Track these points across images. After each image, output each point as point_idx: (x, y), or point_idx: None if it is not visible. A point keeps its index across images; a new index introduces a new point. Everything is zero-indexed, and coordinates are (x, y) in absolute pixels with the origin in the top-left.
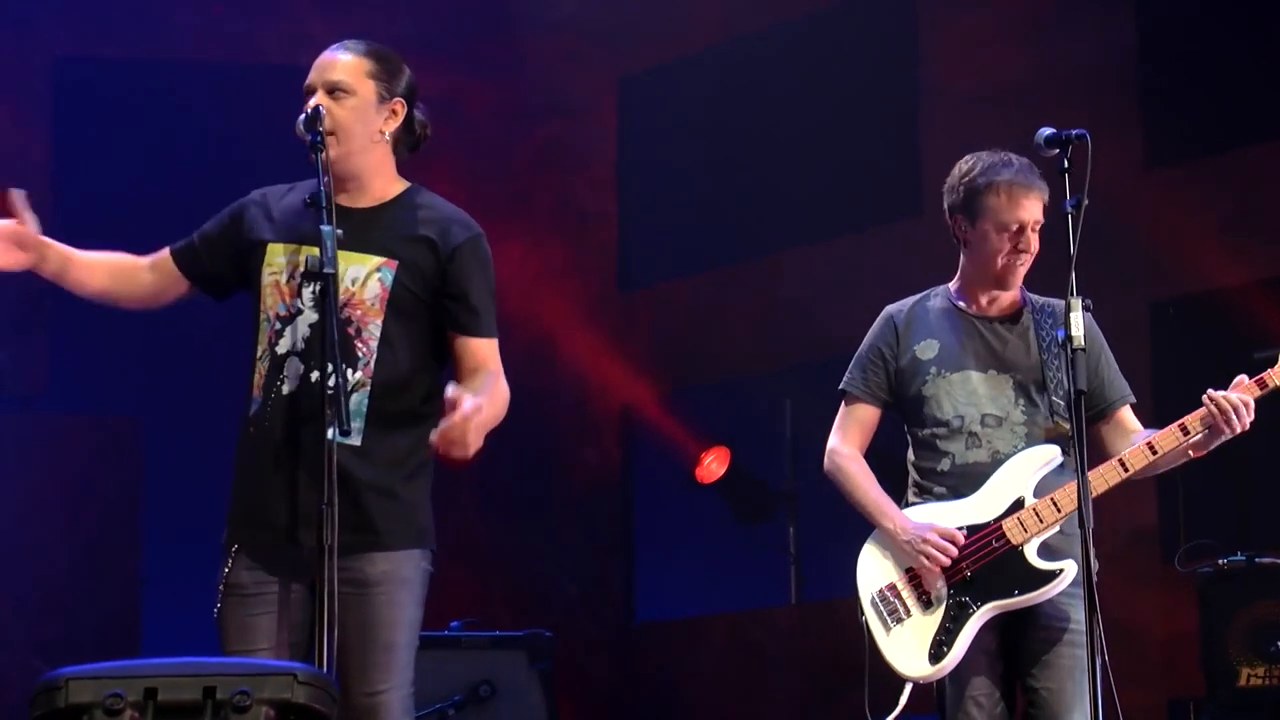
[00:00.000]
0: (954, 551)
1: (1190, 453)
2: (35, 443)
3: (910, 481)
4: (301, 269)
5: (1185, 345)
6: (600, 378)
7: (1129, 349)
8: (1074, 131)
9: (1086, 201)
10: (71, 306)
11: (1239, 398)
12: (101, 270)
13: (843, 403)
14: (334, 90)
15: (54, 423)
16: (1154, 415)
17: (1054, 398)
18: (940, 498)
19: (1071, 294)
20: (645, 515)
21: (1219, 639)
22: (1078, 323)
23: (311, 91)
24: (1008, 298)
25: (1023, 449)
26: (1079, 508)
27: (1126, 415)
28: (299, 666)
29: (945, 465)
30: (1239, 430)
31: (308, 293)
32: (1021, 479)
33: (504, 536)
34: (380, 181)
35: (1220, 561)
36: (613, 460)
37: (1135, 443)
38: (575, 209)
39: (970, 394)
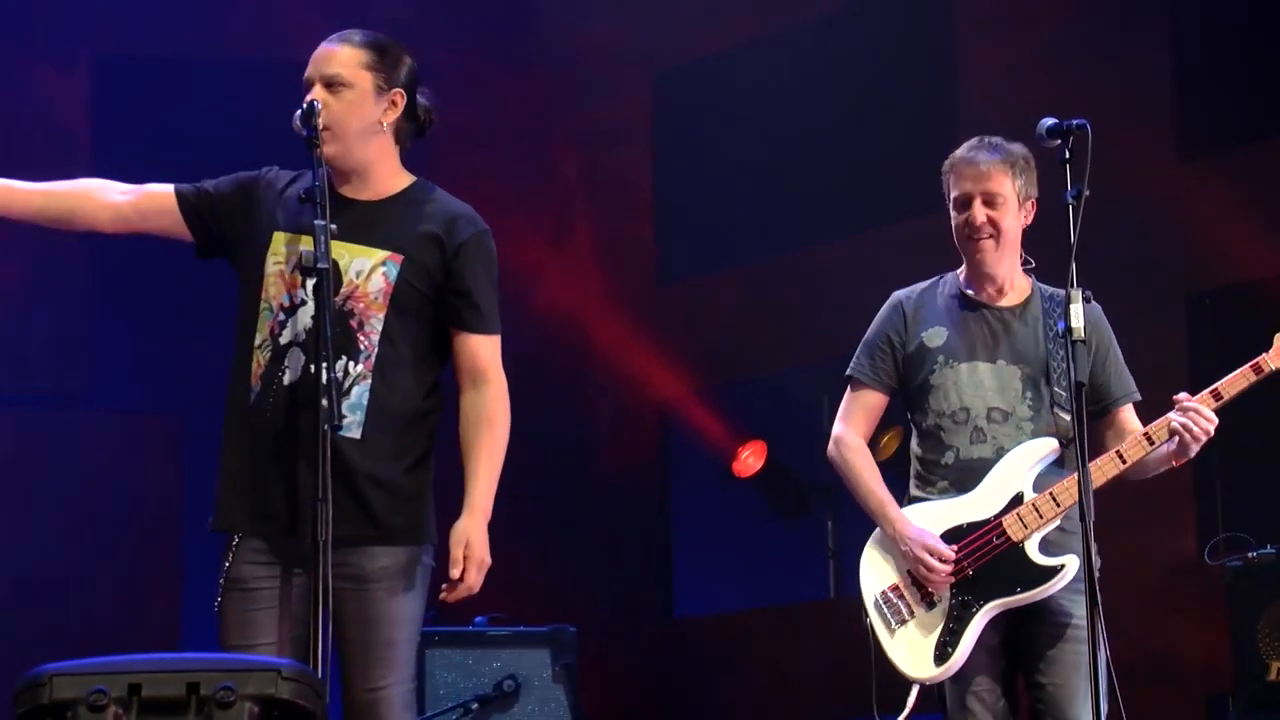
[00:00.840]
0: (946, 570)
1: (1173, 462)
2: (78, 438)
3: (913, 471)
4: (299, 261)
5: (1222, 336)
6: (638, 372)
7: (1165, 340)
8: (1074, 121)
9: (1087, 192)
10: (116, 304)
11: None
12: (56, 197)
13: (848, 388)
14: (331, 83)
15: (97, 419)
16: None
17: (1056, 388)
18: (943, 492)
19: (1071, 285)
20: (683, 510)
21: (1249, 633)
22: (1077, 314)
23: (310, 85)
24: (1017, 287)
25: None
26: (1079, 500)
27: (1128, 414)
28: (283, 662)
29: (949, 459)
30: (1202, 441)
31: (310, 284)
32: (1020, 473)
33: (541, 531)
34: (384, 173)
35: (1250, 554)
36: (650, 454)
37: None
38: (612, 204)
39: (977, 385)
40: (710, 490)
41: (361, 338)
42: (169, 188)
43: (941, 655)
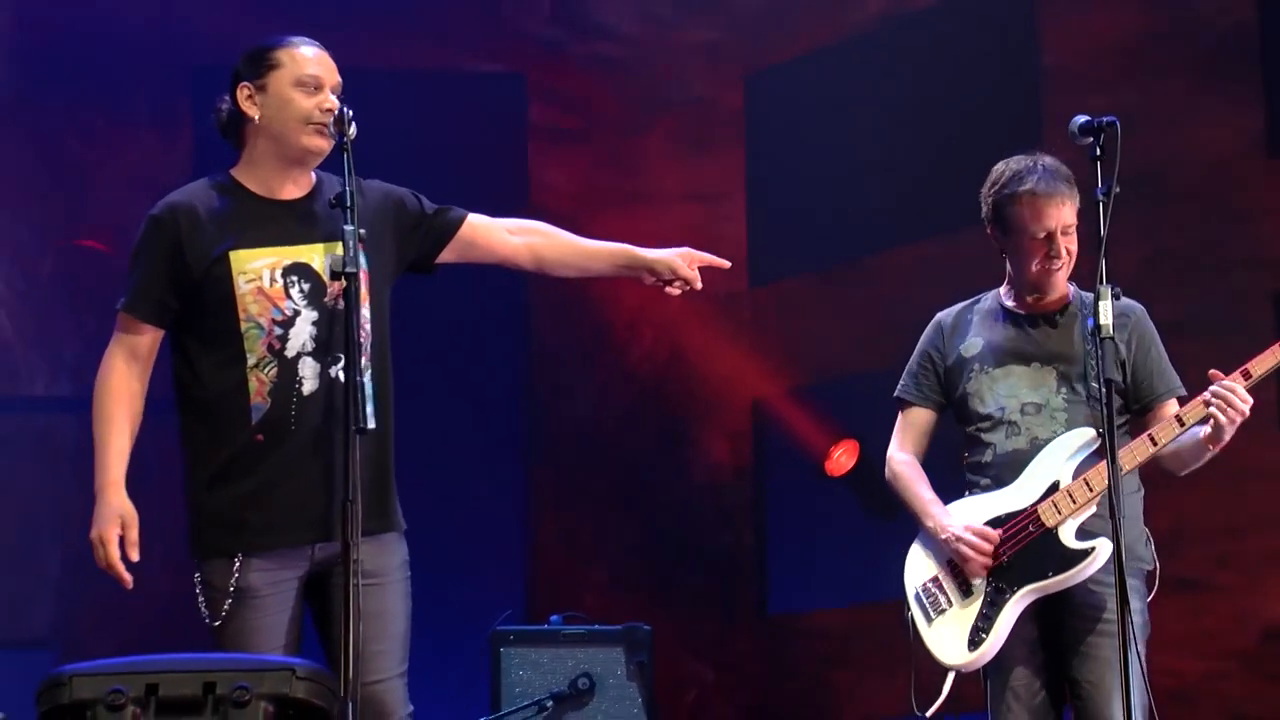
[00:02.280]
0: (988, 548)
1: (1210, 447)
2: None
3: (964, 479)
4: (276, 269)
5: None
6: (731, 373)
7: (1251, 339)
8: (1106, 118)
9: (1117, 189)
10: None
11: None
12: (131, 424)
13: (899, 411)
14: (336, 89)
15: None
16: None
17: (1094, 384)
18: (985, 489)
19: (1101, 282)
20: (777, 509)
21: None
22: (1106, 311)
23: (318, 87)
24: (1054, 295)
25: (1060, 434)
26: (1110, 498)
27: (1173, 408)
28: (298, 662)
29: (988, 456)
30: (1236, 419)
31: (296, 292)
32: (1058, 463)
33: (637, 530)
34: (305, 175)
35: None
36: (744, 454)
37: (1180, 435)
38: (705, 206)
39: (1012, 387)
40: (804, 489)
41: (359, 331)
42: (146, 333)
43: (975, 641)
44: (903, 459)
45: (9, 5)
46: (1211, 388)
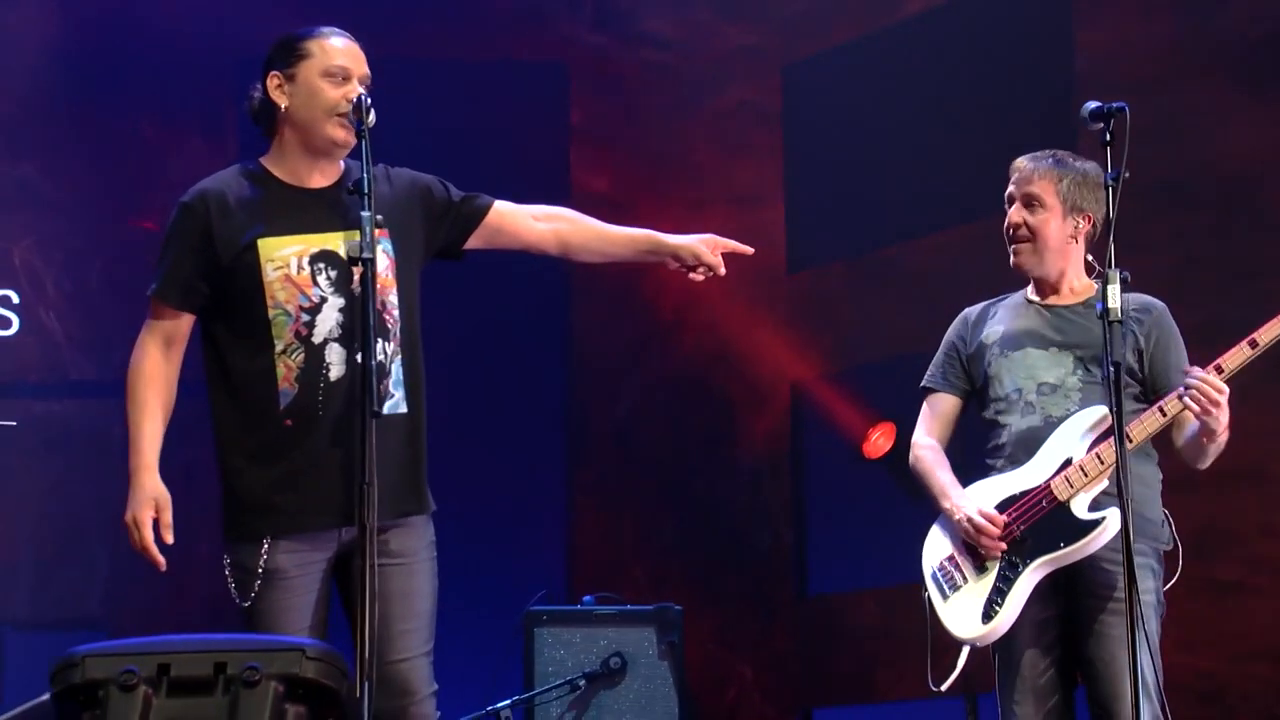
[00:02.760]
0: (995, 530)
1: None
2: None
3: (983, 462)
4: (303, 257)
5: None
6: (769, 357)
7: None
8: (1115, 104)
9: (1127, 174)
10: None
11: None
12: (164, 408)
13: (924, 401)
14: (364, 81)
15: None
16: None
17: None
18: (1000, 470)
19: (1110, 266)
20: (816, 491)
21: None
22: (1114, 294)
23: (349, 76)
24: (1078, 290)
25: (1075, 413)
26: (1118, 479)
27: None
28: (308, 642)
29: (1004, 437)
30: (1213, 411)
31: (323, 279)
32: (1072, 440)
33: (678, 512)
34: (333, 164)
35: None
36: (783, 437)
37: (1189, 432)
38: (744, 193)
39: (1029, 369)
40: (842, 471)
41: (387, 317)
42: (179, 319)
43: (988, 614)
44: (926, 444)
45: (57, 6)
46: (1182, 393)
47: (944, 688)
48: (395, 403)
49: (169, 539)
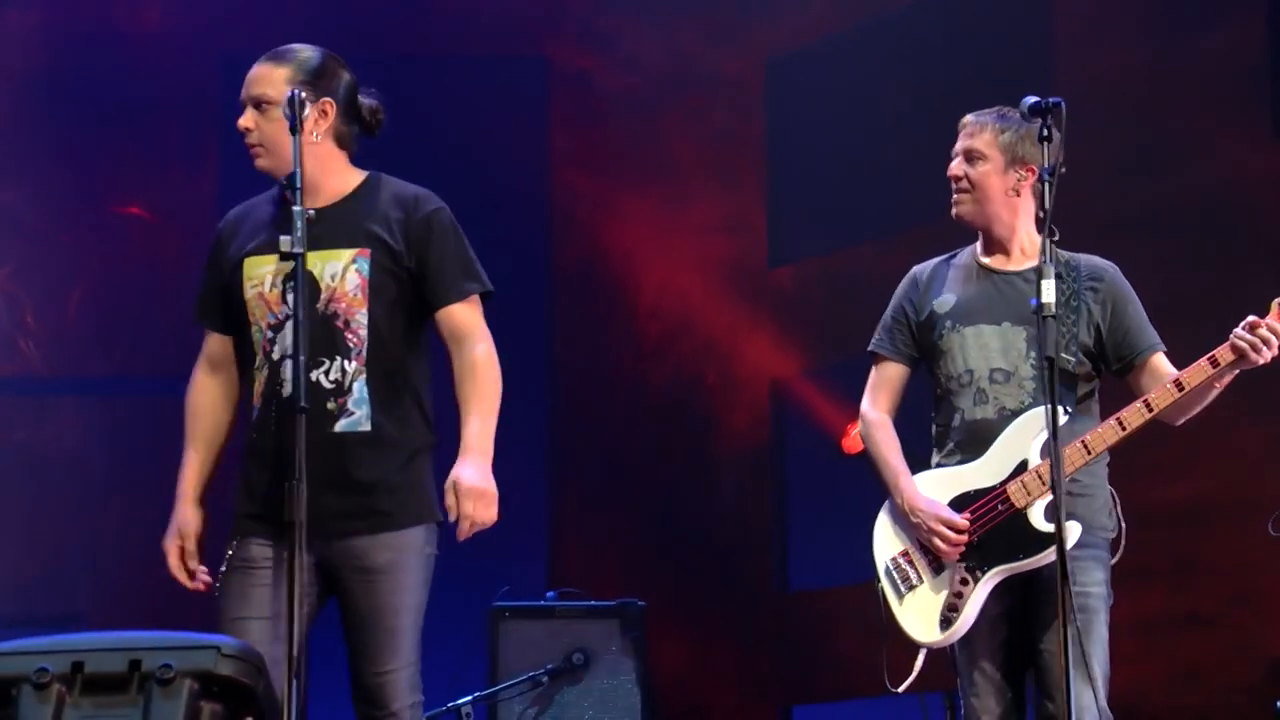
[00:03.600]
0: (960, 539)
1: (1215, 384)
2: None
3: (932, 437)
4: (277, 275)
5: None
6: (750, 352)
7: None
8: (1052, 100)
9: (1063, 169)
10: None
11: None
12: (209, 435)
13: (873, 365)
14: (259, 104)
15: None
16: None
17: (1064, 354)
18: (949, 455)
19: (1046, 260)
20: (796, 485)
21: None
22: (1049, 289)
23: (243, 107)
24: (1029, 252)
25: (1028, 405)
26: (1052, 473)
27: (1159, 362)
28: (223, 640)
29: (955, 421)
30: (1267, 359)
31: (291, 297)
32: (1025, 441)
33: (658, 509)
34: (333, 179)
35: None
36: (763, 432)
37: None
38: (726, 187)
39: (982, 347)
40: (822, 467)
41: (350, 335)
42: (217, 339)
43: (946, 621)
44: (876, 419)
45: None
46: (1244, 329)
47: (901, 689)
48: (354, 420)
49: (193, 567)
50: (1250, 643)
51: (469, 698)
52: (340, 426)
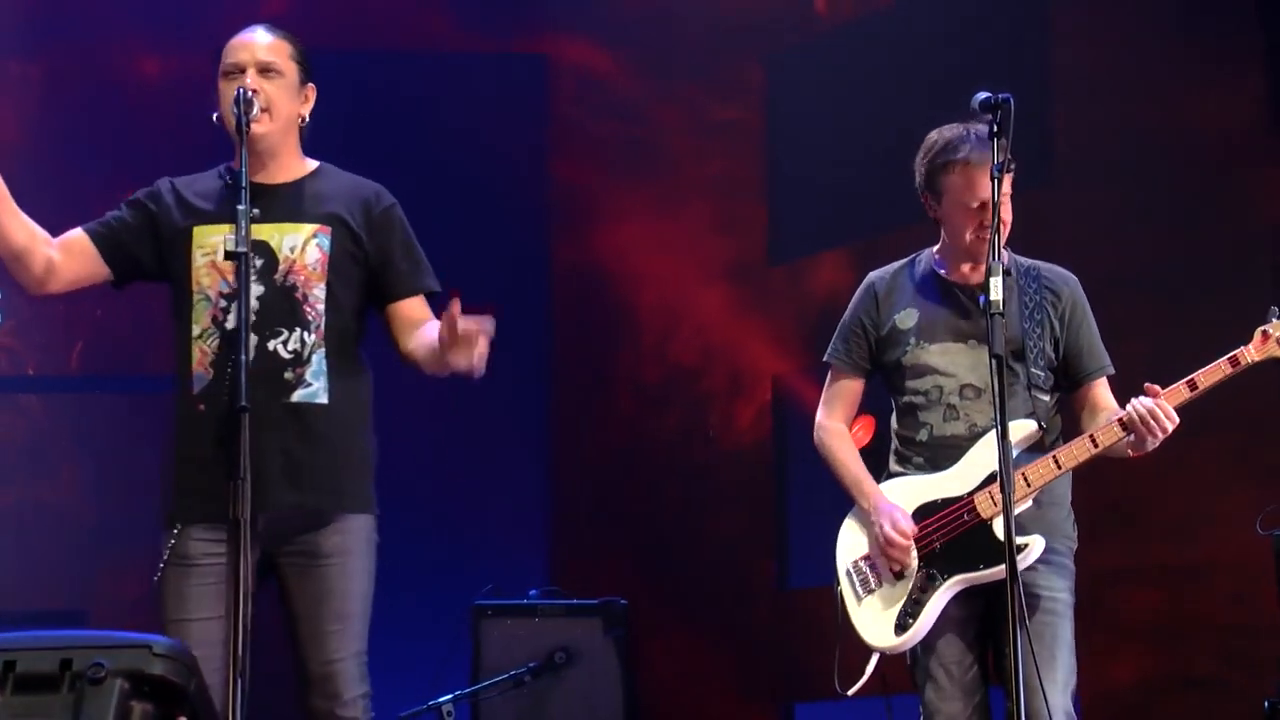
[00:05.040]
0: (905, 544)
1: (1130, 451)
2: None
3: (892, 448)
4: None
5: None
6: (750, 350)
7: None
8: (1001, 95)
9: (1013, 166)
10: None
11: (1153, 405)
12: (29, 229)
13: (829, 374)
14: (266, 70)
15: None
16: None
17: (1033, 369)
18: (919, 468)
19: (994, 257)
20: (796, 483)
21: None
22: (997, 286)
23: (239, 70)
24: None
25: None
26: (1000, 475)
27: (1102, 388)
28: (155, 639)
29: (923, 435)
30: (1158, 436)
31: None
32: (996, 453)
33: (657, 506)
34: (293, 161)
35: None
36: (764, 429)
37: (1102, 420)
38: (723, 185)
39: (950, 364)
40: (821, 465)
41: (308, 308)
42: (78, 231)
43: (902, 626)
44: (832, 427)
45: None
46: (1134, 409)
47: (852, 692)
48: (312, 392)
49: None
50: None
51: (449, 696)
52: (298, 397)
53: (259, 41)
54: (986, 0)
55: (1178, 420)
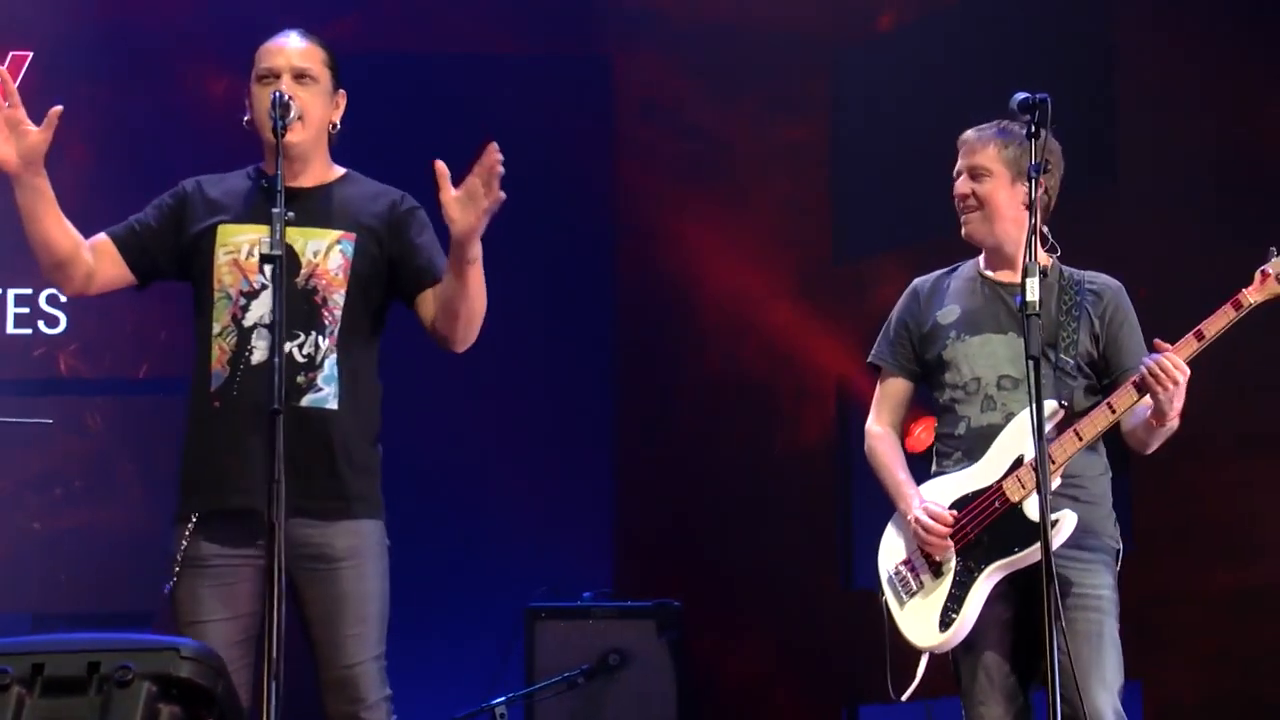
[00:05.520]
0: (943, 530)
1: (1154, 423)
2: None
3: (934, 450)
4: (257, 249)
5: None
6: (815, 350)
7: None
8: (1039, 95)
9: (1049, 166)
10: None
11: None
12: (74, 238)
13: (878, 378)
14: (301, 76)
15: None
16: None
17: (1062, 355)
18: (957, 463)
19: (1030, 257)
20: (862, 483)
21: None
22: (1033, 287)
23: (274, 75)
24: (1005, 251)
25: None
26: (1038, 476)
27: None
28: (182, 641)
29: (961, 429)
30: (1170, 389)
31: (269, 268)
32: (1021, 438)
33: (723, 507)
34: (322, 167)
35: None
36: (830, 430)
37: (1139, 413)
38: (789, 183)
39: (990, 355)
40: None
41: (326, 313)
42: (102, 236)
43: (946, 621)
44: (879, 433)
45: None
46: (1143, 365)
47: (905, 698)
48: (322, 397)
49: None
50: None
51: (503, 698)
52: (308, 401)
53: (294, 47)
54: (1049, 3)
55: (1188, 371)
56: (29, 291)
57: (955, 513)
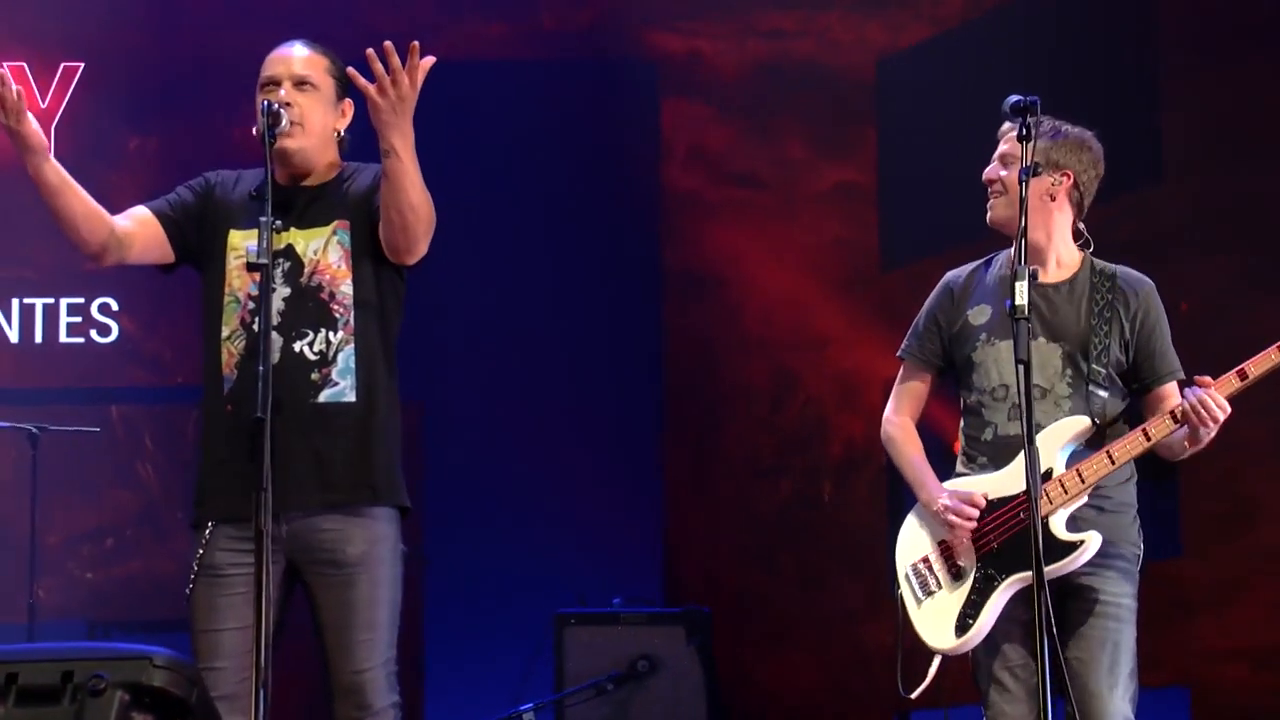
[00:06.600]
0: (973, 512)
1: (1186, 444)
2: None
3: (959, 449)
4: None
5: None
6: (863, 356)
7: None
8: (1030, 98)
9: (1041, 168)
10: None
11: (1204, 394)
12: (85, 200)
13: (900, 369)
14: (301, 83)
15: None
16: None
17: (1094, 365)
18: (981, 468)
19: (1020, 262)
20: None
21: None
22: (1022, 291)
23: (275, 83)
24: (1065, 263)
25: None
26: (1028, 480)
27: (1171, 390)
28: (155, 650)
29: (988, 435)
30: (1211, 426)
31: (276, 271)
32: (1052, 451)
33: (772, 516)
34: (327, 170)
35: None
36: (876, 434)
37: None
38: (836, 189)
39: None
40: (935, 468)
41: (335, 306)
42: (142, 209)
43: (962, 626)
44: (898, 422)
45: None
46: (1186, 400)
47: (915, 695)
48: (338, 391)
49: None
50: None
51: (530, 705)
52: (325, 396)
53: (295, 55)
54: (1096, 3)
55: (1229, 410)
56: (80, 300)
57: (985, 497)
